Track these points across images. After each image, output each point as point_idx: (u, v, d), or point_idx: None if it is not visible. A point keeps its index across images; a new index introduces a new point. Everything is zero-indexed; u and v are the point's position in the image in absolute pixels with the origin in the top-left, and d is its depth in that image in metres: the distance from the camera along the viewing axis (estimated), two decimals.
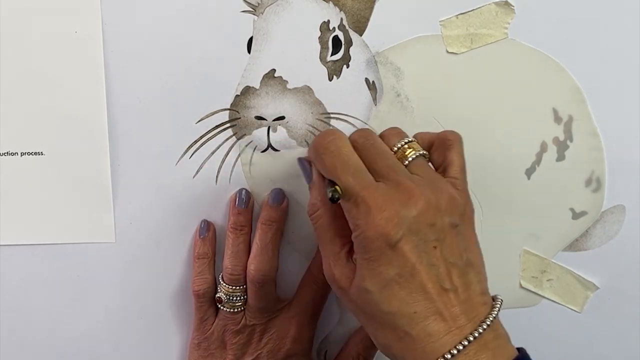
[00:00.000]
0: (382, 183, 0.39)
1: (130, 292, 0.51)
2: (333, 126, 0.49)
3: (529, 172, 0.51)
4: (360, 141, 0.41)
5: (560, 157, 0.51)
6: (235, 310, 0.48)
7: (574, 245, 0.53)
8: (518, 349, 0.39)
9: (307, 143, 0.49)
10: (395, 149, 0.42)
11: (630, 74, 0.50)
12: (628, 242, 0.52)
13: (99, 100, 0.48)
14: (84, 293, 0.51)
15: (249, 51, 0.47)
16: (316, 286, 0.49)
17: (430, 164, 0.44)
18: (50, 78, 0.47)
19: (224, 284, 0.48)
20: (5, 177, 0.48)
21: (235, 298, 0.47)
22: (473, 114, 0.49)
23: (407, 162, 0.42)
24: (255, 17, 0.47)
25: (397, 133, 0.44)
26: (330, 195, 0.39)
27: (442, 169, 0.43)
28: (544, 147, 0.51)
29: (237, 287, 0.47)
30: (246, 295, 0.48)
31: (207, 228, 0.49)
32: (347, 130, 0.49)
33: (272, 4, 0.47)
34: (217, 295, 0.48)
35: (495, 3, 0.48)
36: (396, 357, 0.39)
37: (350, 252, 0.41)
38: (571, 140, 0.50)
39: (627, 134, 0.51)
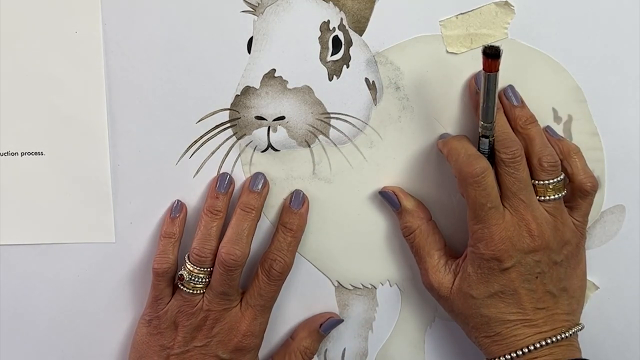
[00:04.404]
0: (508, 212, 0.45)
1: (130, 292, 0.51)
2: (333, 126, 0.49)
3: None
4: (508, 160, 0.45)
5: None
6: (195, 292, 0.47)
7: None
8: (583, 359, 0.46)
9: (307, 143, 0.49)
10: (541, 183, 0.46)
11: (630, 73, 0.50)
12: (628, 242, 0.52)
13: (99, 100, 0.48)
14: (84, 293, 0.51)
15: (249, 51, 0.47)
16: (267, 279, 0.48)
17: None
18: (50, 78, 0.47)
19: (189, 263, 0.47)
20: (5, 177, 0.48)
21: (197, 279, 0.47)
22: (473, 114, 0.49)
23: (543, 199, 0.46)
24: (255, 17, 0.47)
25: (554, 171, 0.46)
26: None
27: (569, 205, 0.48)
28: None
29: (202, 269, 0.47)
30: (209, 278, 0.47)
31: (179, 209, 0.49)
32: (347, 130, 0.49)
33: (272, 4, 0.47)
34: (180, 272, 0.48)
35: (495, 3, 0.48)
36: (481, 347, 0.47)
37: (447, 262, 0.48)
38: (571, 140, 0.50)
39: (627, 134, 0.51)
